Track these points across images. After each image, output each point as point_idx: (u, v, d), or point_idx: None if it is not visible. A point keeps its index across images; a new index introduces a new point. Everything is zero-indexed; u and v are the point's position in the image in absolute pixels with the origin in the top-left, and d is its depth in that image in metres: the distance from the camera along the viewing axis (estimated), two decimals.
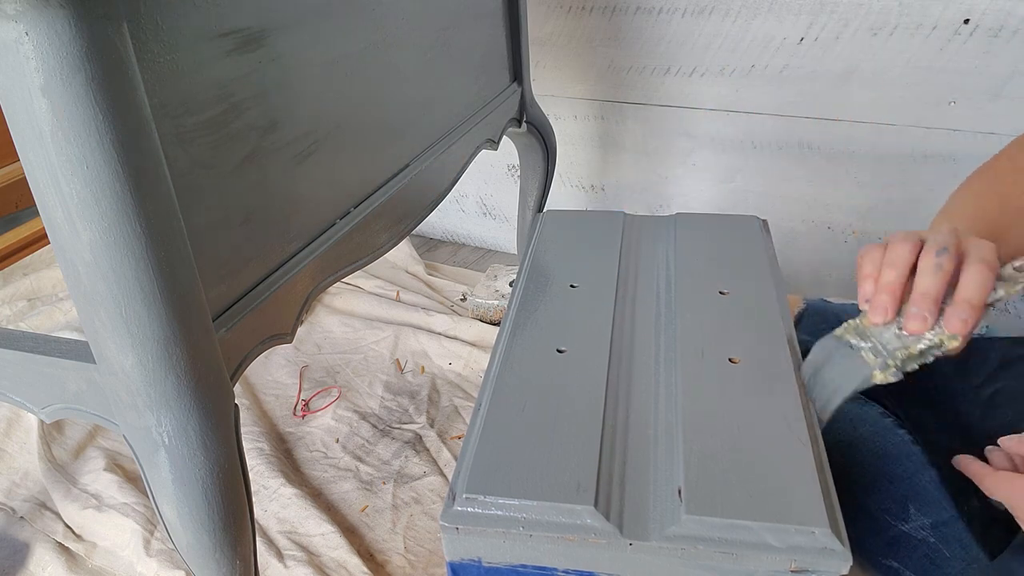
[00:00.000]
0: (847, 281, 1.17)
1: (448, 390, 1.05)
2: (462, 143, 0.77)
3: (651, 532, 0.41)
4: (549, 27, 1.16)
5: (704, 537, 0.40)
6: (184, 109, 0.41)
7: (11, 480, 0.92)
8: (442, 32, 0.72)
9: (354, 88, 0.58)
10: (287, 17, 0.49)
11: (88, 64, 0.34)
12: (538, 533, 0.41)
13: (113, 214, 0.37)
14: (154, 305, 0.40)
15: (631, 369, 0.52)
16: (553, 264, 0.63)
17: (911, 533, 0.64)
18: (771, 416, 0.46)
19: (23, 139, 0.35)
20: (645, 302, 0.59)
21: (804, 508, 0.40)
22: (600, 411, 0.47)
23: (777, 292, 0.58)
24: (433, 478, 0.90)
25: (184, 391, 0.42)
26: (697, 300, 0.57)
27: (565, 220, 0.69)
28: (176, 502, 0.44)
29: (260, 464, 0.90)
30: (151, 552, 0.80)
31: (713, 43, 1.06)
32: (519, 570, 0.43)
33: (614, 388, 0.50)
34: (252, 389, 1.05)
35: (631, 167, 1.24)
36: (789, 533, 0.39)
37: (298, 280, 0.53)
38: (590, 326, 0.55)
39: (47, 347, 0.47)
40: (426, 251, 1.44)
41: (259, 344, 0.50)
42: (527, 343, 0.54)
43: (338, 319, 1.18)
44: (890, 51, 0.97)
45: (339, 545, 0.80)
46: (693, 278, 0.60)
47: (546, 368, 0.51)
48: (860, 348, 0.48)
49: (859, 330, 0.49)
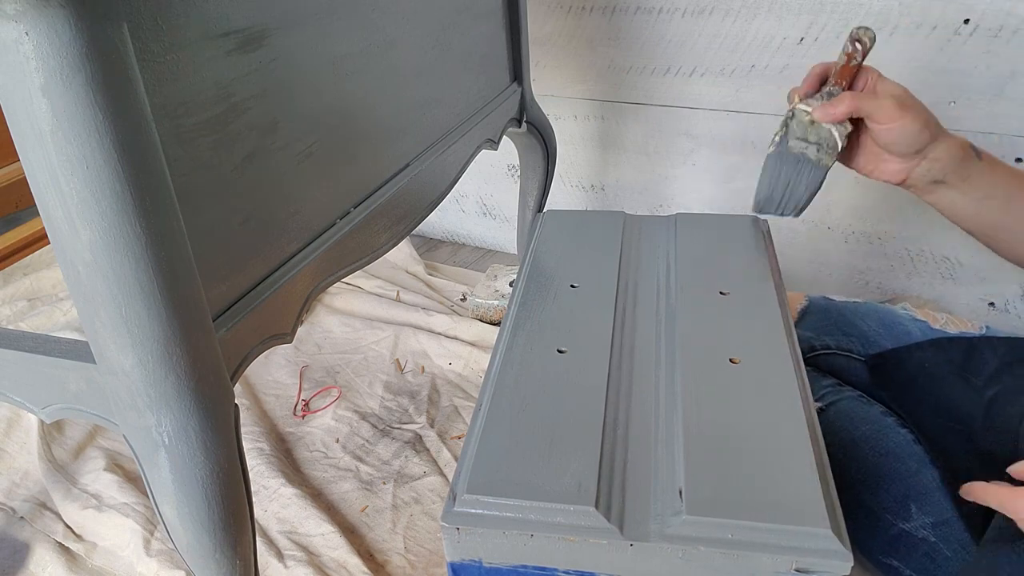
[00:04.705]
0: (847, 281, 1.17)
1: (448, 390, 1.05)
2: (462, 143, 0.77)
3: (652, 532, 0.41)
4: (549, 27, 1.16)
5: (705, 538, 0.40)
6: (184, 109, 0.41)
7: (11, 480, 0.92)
8: (442, 32, 0.72)
9: (354, 88, 0.58)
10: (287, 17, 0.49)
11: (88, 64, 0.34)
12: (539, 534, 0.41)
13: (113, 214, 0.37)
14: (154, 305, 0.39)
15: (631, 369, 0.52)
16: (553, 264, 0.63)
17: (912, 532, 0.64)
18: (771, 416, 0.46)
19: (23, 139, 0.35)
20: (645, 302, 0.59)
21: (805, 508, 0.40)
22: (601, 412, 0.47)
23: (777, 293, 0.58)
24: (433, 478, 0.90)
25: (184, 391, 0.42)
26: (697, 300, 0.57)
27: (565, 220, 0.69)
28: (176, 502, 0.44)
29: (260, 464, 0.90)
30: (151, 552, 0.80)
31: (713, 43, 1.06)
32: (520, 570, 0.43)
33: (615, 389, 0.50)
34: (252, 389, 1.05)
35: (631, 167, 1.24)
36: (790, 533, 0.39)
37: (298, 280, 0.53)
38: (590, 326, 0.55)
39: (47, 347, 0.47)
40: (426, 251, 1.44)
41: (259, 344, 0.50)
42: (527, 343, 0.54)
43: (338, 319, 1.18)
44: (890, 51, 0.97)
45: (339, 545, 0.80)
46: (693, 278, 0.60)
47: (547, 368, 0.51)
48: (807, 148, 0.65)
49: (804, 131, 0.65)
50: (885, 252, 1.12)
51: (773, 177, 0.66)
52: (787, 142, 0.66)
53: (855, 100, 0.63)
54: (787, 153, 0.65)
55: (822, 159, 0.64)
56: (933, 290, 1.12)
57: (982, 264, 1.07)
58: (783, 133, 0.67)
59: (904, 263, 1.12)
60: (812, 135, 0.64)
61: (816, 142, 0.64)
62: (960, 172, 0.66)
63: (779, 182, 0.66)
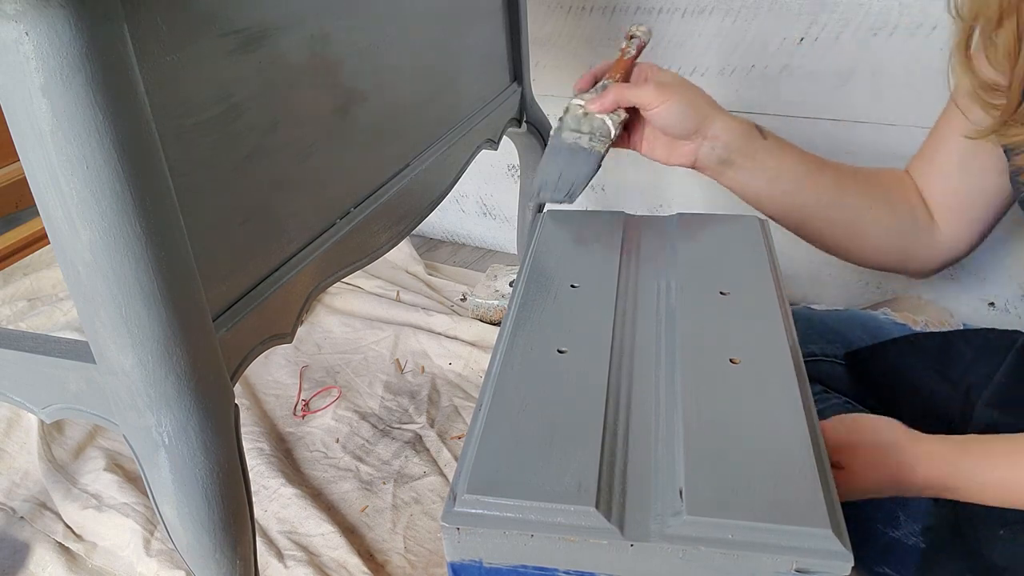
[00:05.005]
0: (847, 282, 1.17)
1: (448, 390, 1.05)
2: (462, 143, 0.77)
3: (652, 533, 0.40)
4: (549, 27, 1.16)
5: (706, 538, 0.40)
6: (184, 109, 0.41)
7: (11, 480, 0.92)
8: (442, 32, 0.72)
9: (354, 88, 0.58)
10: (287, 17, 0.49)
11: (88, 64, 0.34)
12: (539, 534, 0.41)
13: (113, 214, 0.37)
14: (154, 305, 0.39)
15: (632, 369, 0.52)
16: (554, 264, 0.63)
17: (902, 540, 0.63)
18: (772, 417, 0.46)
19: (23, 139, 0.35)
20: (646, 302, 0.59)
21: (806, 509, 0.40)
22: (601, 412, 0.47)
23: (778, 293, 0.58)
24: (433, 478, 0.90)
25: (184, 391, 0.42)
26: (698, 300, 0.57)
27: (565, 220, 0.69)
28: (176, 502, 0.44)
29: (260, 464, 0.90)
30: (151, 552, 0.80)
31: (713, 43, 1.06)
32: (520, 570, 0.43)
33: (615, 389, 0.50)
34: (252, 389, 1.05)
35: (631, 167, 1.24)
36: (791, 534, 0.39)
37: (298, 280, 0.53)
38: (591, 326, 0.55)
39: (47, 347, 0.47)
40: (426, 251, 1.44)
41: (259, 344, 0.50)
42: (527, 343, 0.54)
43: (338, 319, 1.18)
44: (890, 51, 0.97)
45: (339, 545, 0.80)
46: (694, 278, 0.60)
47: (547, 368, 0.51)
48: (580, 138, 0.69)
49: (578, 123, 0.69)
50: None
51: (547, 166, 0.71)
52: (561, 134, 0.70)
53: (620, 90, 0.68)
54: (561, 144, 0.70)
55: (595, 146, 0.69)
56: (933, 290, 1.12)
57: (982, 264, 1.07)
58: (558, 126, 0.71)
59: None
60: (585, 126, 0.69)
61: (589, 132, 0.69)
62: (744, 150, 0.69)
63: (553, 171, 0.70)
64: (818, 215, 0.72)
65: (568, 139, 0.70)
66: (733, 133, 0.69)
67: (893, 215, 0.71)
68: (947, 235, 0.70)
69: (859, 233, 0.72)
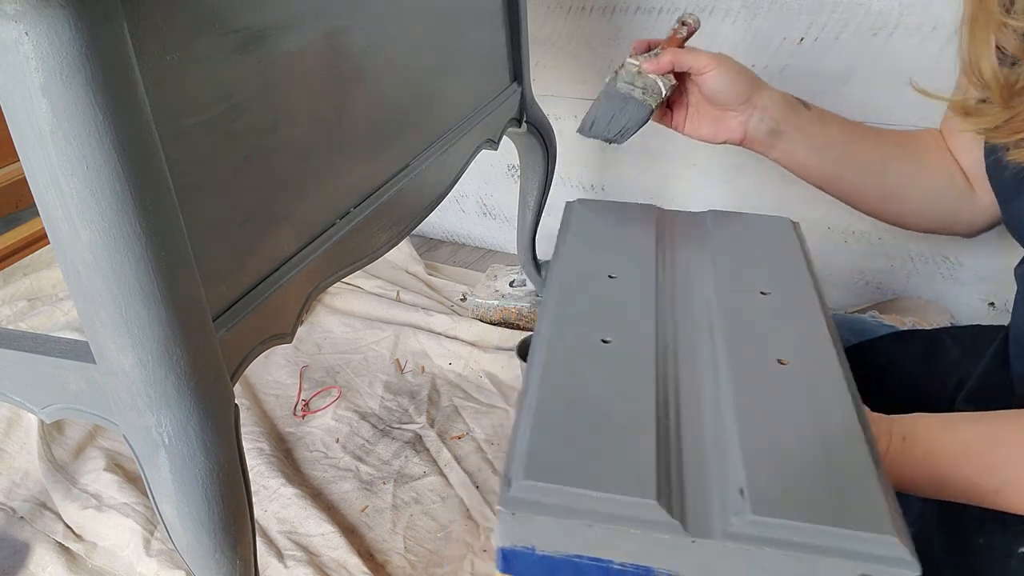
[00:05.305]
0: (847, 281, 1.17)
1: (448, 390, 1.05)
2: (462, 143, 0.77)
3: (715, 530, 0.39)
4: (549, 27, 1.16)
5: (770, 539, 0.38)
6: (184, 109, 0.41)
7: (11, 480, 0.92)
8: (442, 32, 0.72)
9: (354, 88, 0.58)
10: (288, 17, 0.49)
11: (88, 64, 0.34)
12: (599, 524, 0.40)
13: (113, 214, 0.37)
14: (154, 305, 0.39)
15: (677, 363, 0.51)
16: (589, 253, 0.62)
17: None
18: (826, 419, 0.45)
19: (23, 139, 0.35)
20: (685, 297, 0.57)
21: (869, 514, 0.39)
22: (652, 405, 0.45)
23: (819, 295, 0.57)
24: (433, 478, 0.90)
25: (184, 391, 0.42)
26: (739, 299, 0.56)
27: (598, 210, 0.69)
28: (176, 502, 0.44)
29: (260, 464, 0.90)
30: (151, 552, 0.80)
31: (713, 43, 1.06)
32: (574, 560, 0.41)
33: (663, 382, 0.48)
34: (252, 389, 1.05)
35: (631, 167, 1.24)
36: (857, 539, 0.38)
37: (298, 280, 0.53)
38: (633, 318, 0.54)
39: (47, 347, 0.47)
40: (426, 251, 1.44)
41: (259, 344, 0.50)
42: (570, 332, 0.52)
43: (338, 319, 1.18)
44: (890, 51, 0.97)
45: (339, 545, 0.80)
46: (733, 276, 0.59)
47: (592, 358, 0.50)
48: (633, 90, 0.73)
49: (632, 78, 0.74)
50: (885, 252, 1.12)
51: (601, 108, 0.75)
52: (615, 84, 0.75)
53: (676, 53, 0.72)
54: (615, 92, 0.75)
55: (647, 100, 0.73)
56: (933, 290, 1.12)
57: (982, 264, 1.07)
58: (612, 78, 0.75)
59: (904, 263, 1.12)
60: (639, 81, 0.74)
61: (642, 87, 0.74)
62: (793, 121, 0.71)
63: (605, 112, 0.75)
64: (864, 180, 0.73)
65: (623, 89, 0.74)
66: (780, 104, 0.71)
67: (933, 180, 0.72)
68: (985, 200, 0.70)
69: (903, 197, 0.73)
